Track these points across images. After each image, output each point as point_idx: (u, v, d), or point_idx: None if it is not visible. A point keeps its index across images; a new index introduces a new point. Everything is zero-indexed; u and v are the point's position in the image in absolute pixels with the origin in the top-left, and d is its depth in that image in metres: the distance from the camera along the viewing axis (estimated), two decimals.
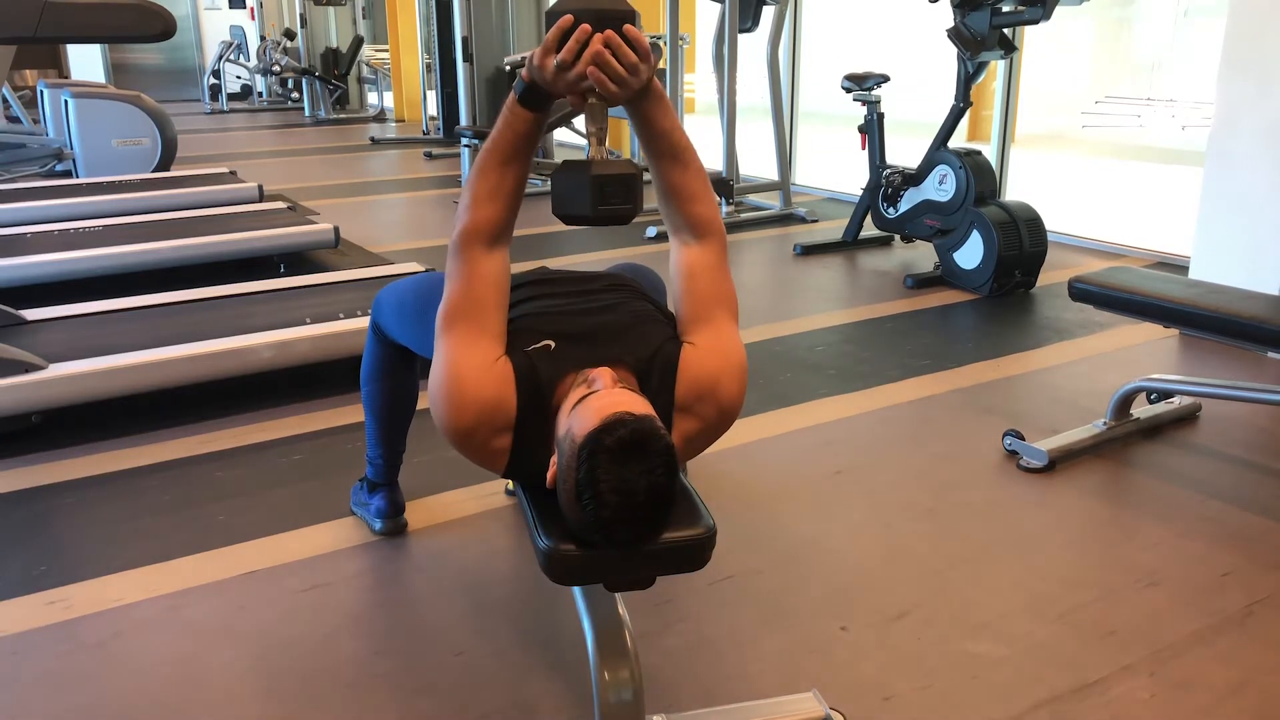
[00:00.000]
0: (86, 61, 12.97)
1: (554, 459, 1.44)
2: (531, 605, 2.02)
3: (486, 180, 1.51)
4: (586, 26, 1.41)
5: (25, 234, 4.54)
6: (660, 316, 1.67)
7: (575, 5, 1.42)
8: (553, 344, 1.54)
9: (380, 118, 11.65)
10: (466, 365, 1.47)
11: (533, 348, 1.53)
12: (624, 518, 1.32)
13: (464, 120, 6.71)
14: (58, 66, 12.69)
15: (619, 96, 1.45)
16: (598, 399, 1.39)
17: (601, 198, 1.46)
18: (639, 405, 1.38)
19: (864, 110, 4.85)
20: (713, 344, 1.57)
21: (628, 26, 1.42)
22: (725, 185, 5.58)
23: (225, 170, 6.39)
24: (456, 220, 1.53)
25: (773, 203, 5.96)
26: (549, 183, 1.52)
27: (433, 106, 9.56)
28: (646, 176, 1.60)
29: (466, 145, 6.29)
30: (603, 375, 1.45)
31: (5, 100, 8.09)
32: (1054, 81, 10.79)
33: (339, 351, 3.14)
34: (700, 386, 1.54)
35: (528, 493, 1.54)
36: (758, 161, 6.60)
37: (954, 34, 4.15)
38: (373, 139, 9.45)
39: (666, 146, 1.54)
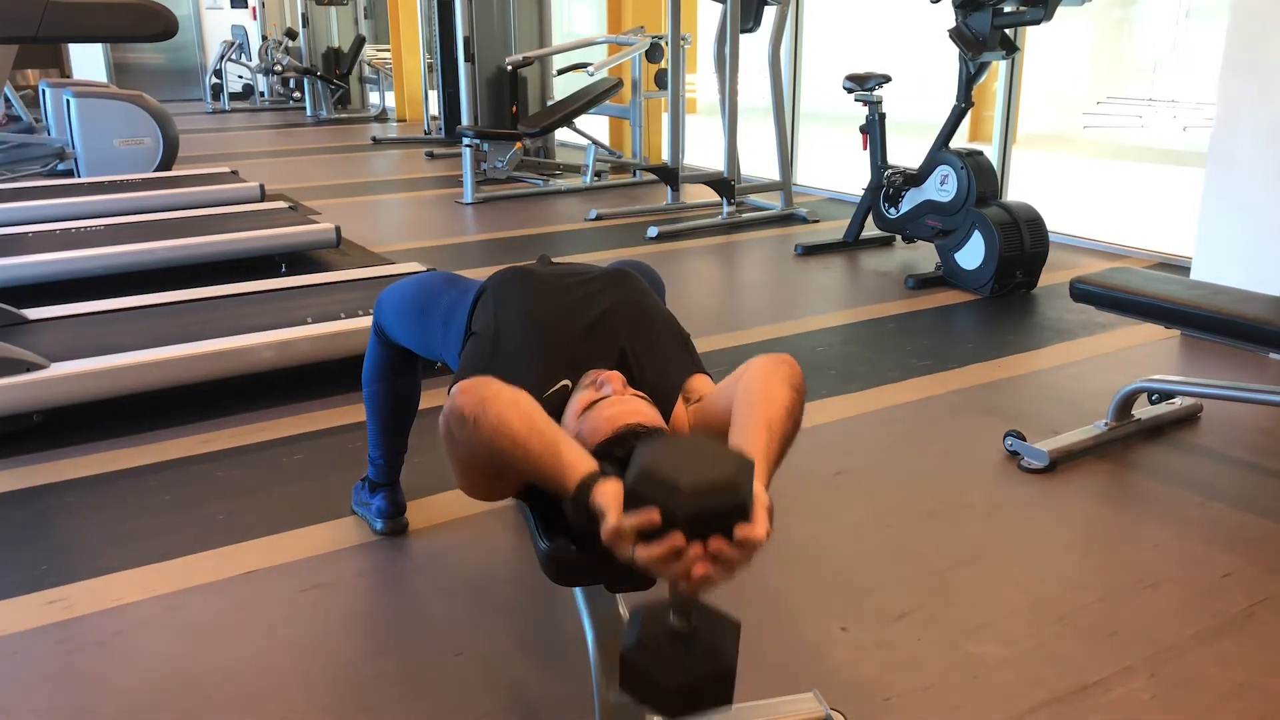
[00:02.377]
0: (88, 61, 12.98)
1: None
2: (532, 606, 2.02)
3: (504, 481, 1.39)
4: (680, 538, 1.06)
5: (27, 233, 4.54)
6: (666, 340, 1.66)
7: (667, 496, 1.06)
8: (570, 383, 1.54)
9: (382, 117, 11.64)
10: (496, 492, 1.48)
11: (550, 393, 1.53)
12: None
13: (465, 120, 6.71)
14: (60, 66, 12.69)
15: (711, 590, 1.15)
16: (609, 406, 1.38)
17: (683, 703, 1.10)
18: (650, 415, 1.38)
19: (865, 110, 4.85)
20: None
21: (740, 528, 1.09)
22: (727, 185, 5.58)
23: (227, 170, 6.40)
24: (472, 425, 1.30)
25: (774, 203, 5.96)
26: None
27: (434, 106, 9.55)
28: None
29: (468, 145, 6.29)
30: (612, 380, 1.44)
31: (7, 100, 8.09)
32: (1055, 82, 10.78)
33: (340, 351, 3.14)
34: None
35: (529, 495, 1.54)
36: (759, 162, 6.60)
37: (955, 34, 4.15)
38: (374, 139, 9.45)
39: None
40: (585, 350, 1.60)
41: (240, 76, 13.85)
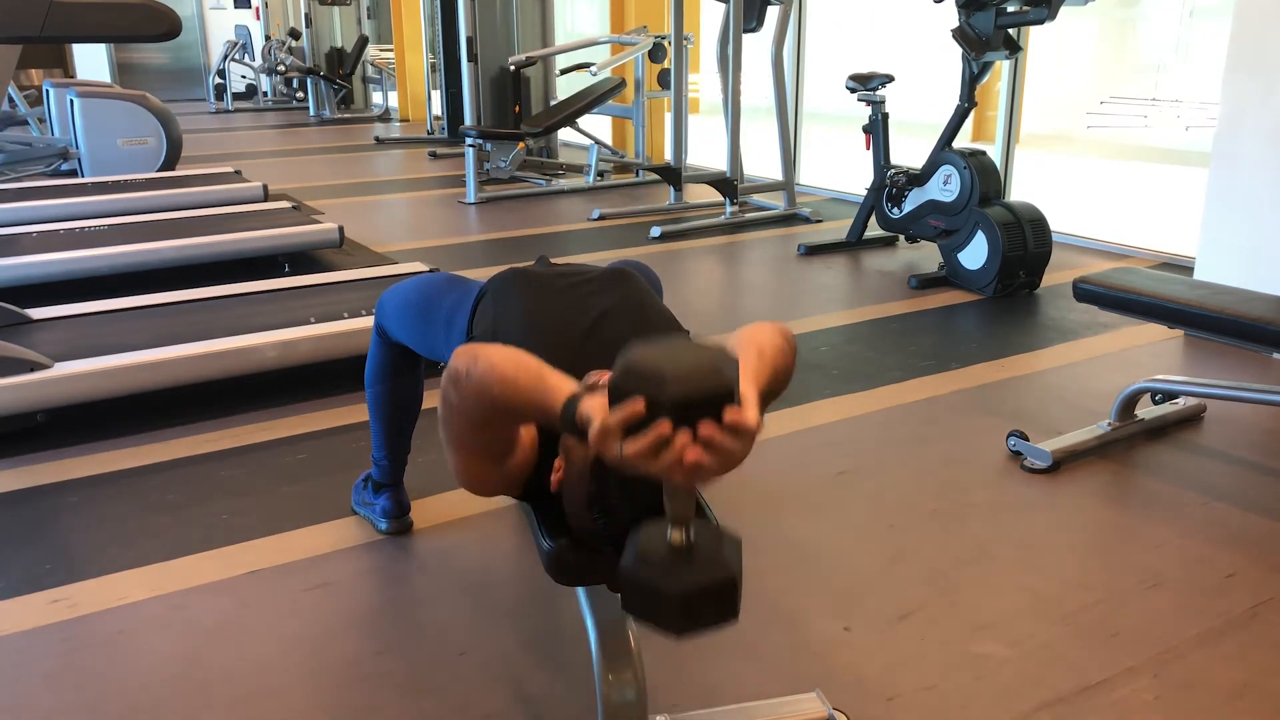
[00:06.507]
0: (92, 61, 13.00)
1: (559, 462, 1.44)
2: (534, 605, 2.02)
3: (500, 445, 1.37)
4: (666, 425, 1.02)
5: (31, 233, 4.54)
6: (666, 328, 1.66)
7: (650, 384, 1.03)
8: None
9: (385, 117, 11.65)
10: (490, 479, 1.46)
11: None
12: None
13: (468, 120, 6.71)
14: (63, 66, 12.71)
15: (709, 483, 1.11)
16: None
17: (688, 616, 1.06)
18: None
19: (868, 110, 4.84)
20: None
21: (729, 411, 1.05)
22: (729, 185, 5.58)
23: (230, 170, 6.40)
24: (455, 459, 1.39)
25: (777, 203, 5.96)
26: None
27: (437, 106, 9.56)
28: None
29: (471, 145, 6.29)
30: None
31: (11, 100, 8.11)
32: (1059, 82, 10.77)
33: (343, 351, 3.14)
34: None
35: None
36: (762, 161, 6.59)
37: (959, 34, 4.14)
38: (377, 139, 9.45)
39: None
40: (584, 350, 1.60)
41: (243, 76, 13.86)
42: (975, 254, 4.16)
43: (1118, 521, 2.35)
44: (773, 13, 5.64)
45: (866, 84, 4.79)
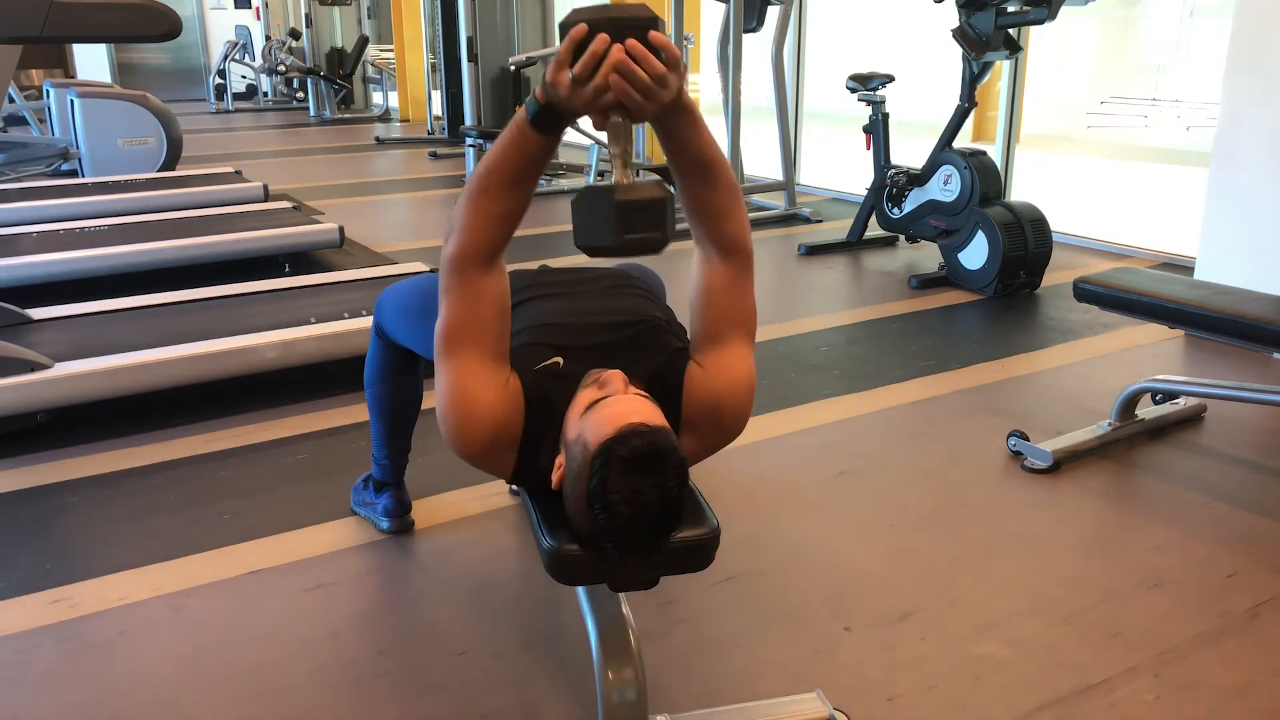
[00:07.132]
0: (92, 61, 13.01)
1: (559, 459, 1.44)
2: (535, 605, 2.02)
3: (488, 203, 1.41)
4: (604, 36, 1.27)
5: (31, 233, 4.55)
6: (666, 323, 1.65)
7: (590, 14, 1.29)
8: (561, 361, 1.53)
9: (385, 118, 11.65)
10: (475, 392, 1.44)
11: (541, 366, 1.52)
12: (634, 528, 1.31)
13: (469, 120, 6.72)
14: (64, 66, 12.73)
15: (647, 110, 1.31)
16: (611, 405, 1.37)
17: (627, 226, 1.29)
18: (653, 414, 1.37)
19: (869, 110, 4.84)
20: (722, 367, 1.52)
21: (653, 33, 1.29)
22: None
23: (230, 170, 6.40)
24: (451, 237, 1.44)
25: (777, 203, 5.96)
26: (569, 205, 1.33)
27: (437, 106, 9.56)
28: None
29: (471, 145, 6.29)
30: (615, 378, 1.43)
31: (11, 100, 8.11)
32: (1059, 82, 10.77)
33: (343, 351, 3.14)
34: (704, 408, 1.52)
35: (532, 493, 1.54)
36: (762, 161, 6.59)
37: (959, 34, 4.14)
38: (377, 139, 9.45)
39: (696, 163, 1.43)
40: (582, 332, 1.59)
41: (244, 76, 13.87)
42: (975, 254, 4.16)
43: (1118, 521, 2.35)
44: (773, 13, 5.64)
45: (866, 84, 4.79)
